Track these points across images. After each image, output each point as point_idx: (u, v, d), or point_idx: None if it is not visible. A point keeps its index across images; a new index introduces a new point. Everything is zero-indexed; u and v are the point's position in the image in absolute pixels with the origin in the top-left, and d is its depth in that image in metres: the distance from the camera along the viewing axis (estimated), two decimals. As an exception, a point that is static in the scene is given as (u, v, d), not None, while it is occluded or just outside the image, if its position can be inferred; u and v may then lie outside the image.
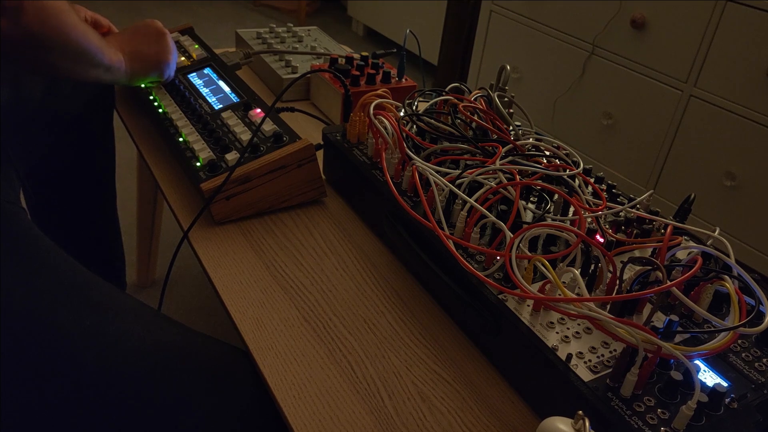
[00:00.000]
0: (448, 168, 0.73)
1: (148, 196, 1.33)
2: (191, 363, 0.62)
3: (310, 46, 1.22)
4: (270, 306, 0.67)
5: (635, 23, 1.66)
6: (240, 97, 0.92)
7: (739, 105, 1.51)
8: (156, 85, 0.96)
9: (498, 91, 0.88)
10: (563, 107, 1.94)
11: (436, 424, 0.56)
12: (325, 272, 0.73)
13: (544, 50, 1.95)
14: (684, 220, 0.72)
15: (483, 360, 0.63)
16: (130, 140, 0.98)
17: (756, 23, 1.44)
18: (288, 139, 0.81)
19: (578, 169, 0.74)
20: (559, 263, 0.62)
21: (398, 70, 1.08)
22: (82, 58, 0.72)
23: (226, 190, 0.76)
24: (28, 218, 0.69)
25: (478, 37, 2.17)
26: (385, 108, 0.82)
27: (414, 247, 0.68)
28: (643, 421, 0.49)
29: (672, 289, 0.54)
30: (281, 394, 0.57)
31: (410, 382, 0.60)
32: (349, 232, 0.80)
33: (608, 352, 0.55)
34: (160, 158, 0.91)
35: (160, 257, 1.47)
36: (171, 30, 1.13)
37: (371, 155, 0.80)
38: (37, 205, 1.03)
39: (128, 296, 0.67)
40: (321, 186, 0.84)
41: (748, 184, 1.52)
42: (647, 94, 1.70)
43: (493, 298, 0.59)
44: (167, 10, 3.20)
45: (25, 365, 0.56)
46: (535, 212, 0.71)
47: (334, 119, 1.04)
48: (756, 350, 0.58)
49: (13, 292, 0.57)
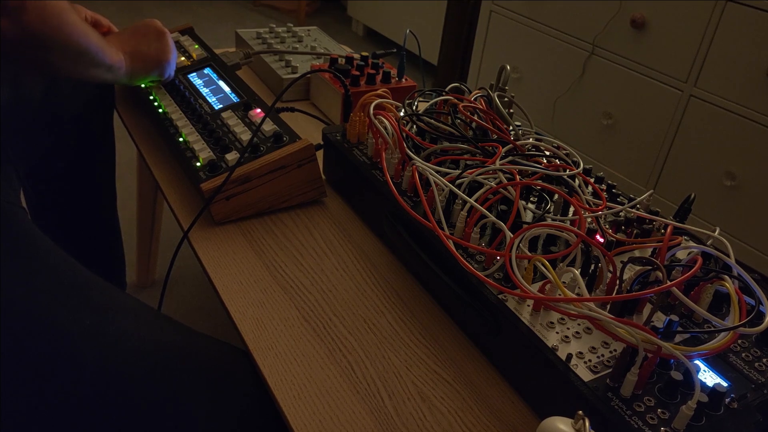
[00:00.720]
0: (448, 168, 0.73)
1: (148, 196, 1.33)
2: (191, 363, 0.62)
3: (310, 46, 1.22)
4: (270, 306, 0.67)
5: (635, 23, 1.66)
6: (240, 97, 0.92)
7: (739, 105, 1.51)
8: (156, 85, 0.96)
9: (498, 91, 0.88)
10: (563, 107, 1.94)
11: (436, 424, 0.56)
12: (325, 272, 0.73)
13: (544, 50, 1.95)
14: (684, 220, 0.72)
15: (483, 360, 0.63)
16: (130, 140, 0.98)
17: (756, 23, 1.44)
18: (288, 139, 0.81)
19: (578, 169, 0.74)
20: (559, 263, 0.62)
21: (398, 70, 1.08)
22: (82, 58, 0.72)
23: (226, 190, 0.76)
24: (28, 218, 0.69)
25: (478, 37, 2.17)
26: (385, 108, 0.82)
27: (414, 247, 0.68)
28: (643, 421, 0.49)
29: (672, 289, 0.54)
30: (281, 394, 0.57)
31: (410, 382, 0.60)
32: (349, 232, 0.80)
33: (608, 352, 0.55)
34: (160, 158, 0.91)
35: (160, 257, 1.47)
36: (171, 30, 1.13)
37: (371, 155, 0.80)
38: (37, 205, 1.03)
39: (128, 296, 0.66)
40: (321, 186, 0.84)
41: (748, 184, 1.52)
42: (647, 94, 1.70)
43: (493, 298, 0.59)
44: (167, 10, 3.20)
45: (25, 365, 0.56)
46: (535, 212, 0.71)
47: (334, 119, 1.04)
48: (756, 350, 0.58)
49: (13, 292, 0.57)
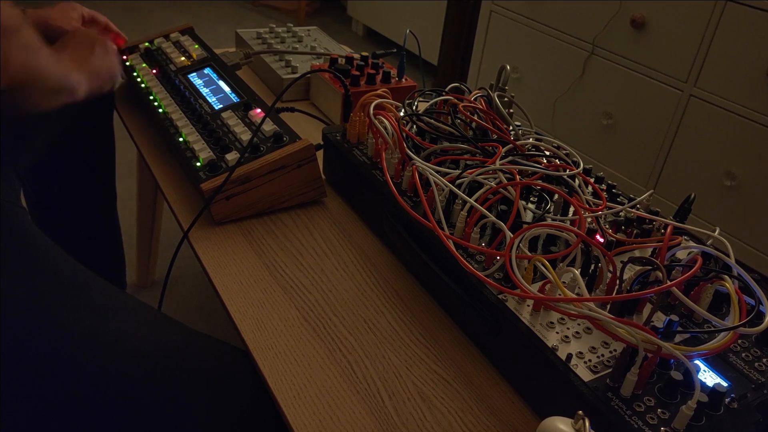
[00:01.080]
0: (448, 168, 0.73)
1: (148, 196, 1.33)
2: (191, 363, 0.62)
3: (310, 46, 1.22)
4: (270, 306, 0.67)
5: (635, 23, 1.66)
6: (240, 97, 0.92)
7: (739, 105, 1.51)
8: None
9: (498, 91, 0.88)
10: (563, 107, 1.94)
11: (436, 424, 0.56)
12: (325, 272, 0.73)
13: (544, 50, 1.95)
14: (684, 220, 0.72)
15: (483, 360, 0.63)
16: (130, 140, 0.98)
17: (756, 23, 1.44)
18: (288, 139, 0.81)
19: (578, 169, 0.74)
20: (559, 263, 0.62)
21: (398, 70, 1.08)
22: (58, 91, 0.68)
23: (226, 190, 0.76)
24: (28, 218, 0.69)
25: (478, 37, 2.17)
26: (385, 108, 0.82)
27: (414, 247, 0.68)
28: (643, 421, 0.49)
29: (672, 289, 0.54)
30: (281, 394, 0.57)
31: (410, 382, 0.60)
32: (349, 232, 0.80)
33: (608, 352, 0.55)
34: (160, 158, 0.91)
35: (160, 257, 1.47)
36: (171, 30, 1.13)
37: (371, 155, 0.80)
38: (37, 205, 1.03)
39: (128, 296, 0.66)
40: (321, 186, 0.84)
41: (748, 184, 1.52)
42: (647, 94, 1.70)
43: (493, 298, 0.59)
44: (167, 10, 3.19)
45: (25, 365, 0.56)
46: (535, 212, 0.71)
47: (334, 119, 1.04)
48: (756, 350, 0.58)
49: (13, 292, 0.57)
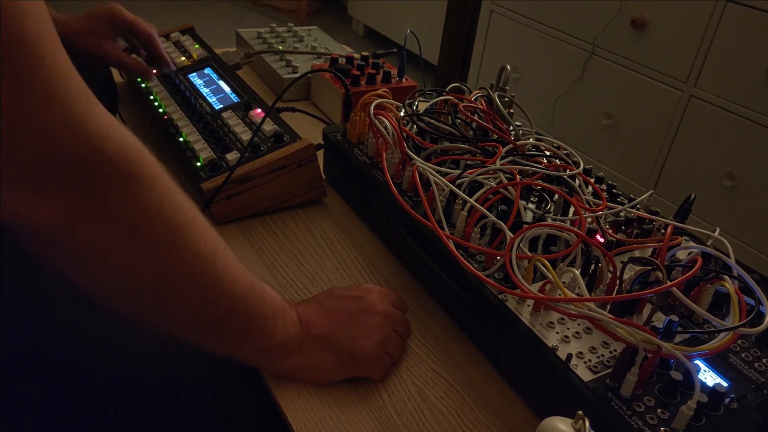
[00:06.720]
0: (448, 168, 0.73)
1: (149, 196, 1.33)
2: (191, 363, 0.62)
3: (311, 46, 1.22)
4: (270, 306, 0.67)
5: (635, 23, 1.66)
6: (240, 97, 0.92)
7: (739, 105, 1.51)
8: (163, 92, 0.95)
9: (498, 91, 0.88)
10: (563, 107, 1.94)
11: (436, 424, 0.56)
12: (325, 272, 0.73)
13: (544, 50, 1.95)
14: (684, 220, 0.72)
15: (483, 360, 0.63)
16: (130, 140, 0.97)
17: (756, 23, 1.44)
18: (288, 139, 0.81)
19: (578, 169, 0.73)
20: (559, 263, 0.62)
21: (398, 70, 1.08)
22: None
23: (226, 190, 0.76)
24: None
25: (478, 37, 2.17)
26: (386, 108, 0.82)
27: (414, 247, 0.68)
28: (643, 421, 0.49)
29: (672, 289, 0.54)
30: (281, 394, 0.57)
31: (410, 382, 0.60)
32: (349, 232, 0.80)
33: (608, 352, 0.55)
34: (160, 158, 0.91)
35: (160, 257, 1.47)
36: (171, 30, 1.12)
37: (371, 155, 0.80)
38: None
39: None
40: (321, 186, 0.84)
41: (748, 185, 1.52)
42: (647, 94, 1.70)
43: (493, 298, 0.59)
44: (167, 9, 3.20)
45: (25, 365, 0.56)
46: (535, 212, 0.71)
47: (335, 119, 1.04)
48: (756, 350, 0.58)
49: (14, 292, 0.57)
